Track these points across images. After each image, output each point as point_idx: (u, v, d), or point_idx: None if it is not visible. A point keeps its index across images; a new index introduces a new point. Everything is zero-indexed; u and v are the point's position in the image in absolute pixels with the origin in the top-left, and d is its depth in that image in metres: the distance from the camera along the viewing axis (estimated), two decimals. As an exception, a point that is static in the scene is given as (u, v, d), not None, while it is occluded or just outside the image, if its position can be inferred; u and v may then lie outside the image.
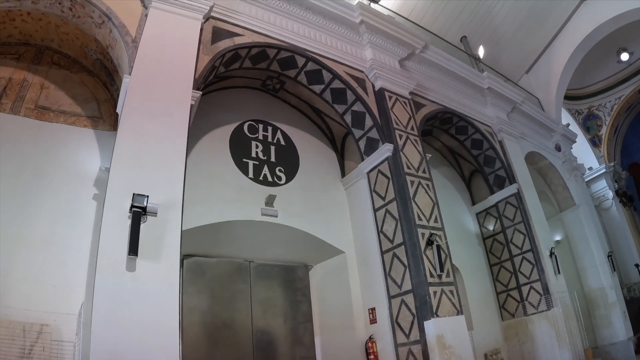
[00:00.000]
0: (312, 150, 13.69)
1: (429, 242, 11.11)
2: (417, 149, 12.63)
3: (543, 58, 21.90)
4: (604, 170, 25.74)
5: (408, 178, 11.77)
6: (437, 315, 10.36)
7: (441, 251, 11.23)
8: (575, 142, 22.06)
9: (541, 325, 14.35)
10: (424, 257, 10.88)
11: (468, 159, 16.73)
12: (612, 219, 25.41)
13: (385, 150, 12.06)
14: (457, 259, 14.50)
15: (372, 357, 11.06)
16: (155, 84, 8.45)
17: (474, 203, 17.10)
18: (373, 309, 11.72)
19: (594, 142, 26.59)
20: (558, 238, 19.97)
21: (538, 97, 21.29)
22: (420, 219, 11.36)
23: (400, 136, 12.36)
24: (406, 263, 11.02)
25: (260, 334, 11.46)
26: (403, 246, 11.21)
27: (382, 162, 12.24)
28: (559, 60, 21.33)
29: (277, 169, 12.52)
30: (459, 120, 15.61)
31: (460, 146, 16.48)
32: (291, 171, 12.84)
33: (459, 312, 10.98)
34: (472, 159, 16.54)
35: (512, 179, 15.84)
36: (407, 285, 10.89)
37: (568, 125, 21.69)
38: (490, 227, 16.19)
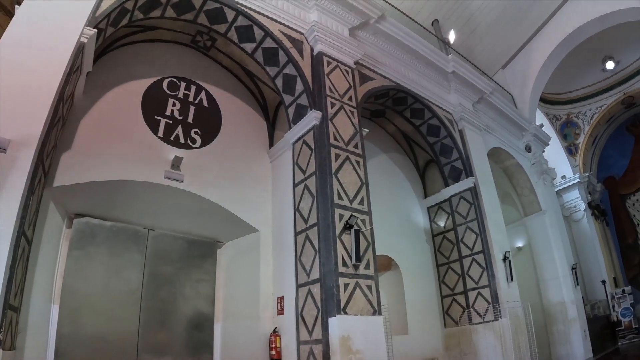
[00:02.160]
0: (239, 116, 11.88)
1: (347, 226, 9.07)
2: (352, 121, 10.71)
3: (521, 54, 19.92)
4: (578, 180, 23.93)
5: (333, 151, 9.86)
6: (345, 313, 8.48)
7: (361, 238, 9.27)
8: (548, 144, 20.04)
9: (486, 337, 12.43)
10: (338, 242, 8.96)
11: (424, 147, 14.71)
12: (581, 231, 23.62)
13: (312, 118, 10.17)
14: (398, 254, 13.06)
15: (273, 352, 9.48)
16: (46, 16, 7.40)
17: (426, 196, 15.03)
18: (281, 298, 9.96)
19: (570, 151, 24.74)
20: (520, 244, 18.01)
21: (512, 93, 19.28)
22: (340, 198, 9.43)
23: (333, 104, 10.45)
24: (317, 247, 9.16)
25: (150, 312, 9.72)
26: (316, 227, 9.32)
27: (308, 131, 10.36)
28: (538, 57, 19.36)
29: (192, 130, 10.78)
30: (415, 101, 13.58)
31: (416, 132, 14.42)
32: (209, 135, 11.06)
33: (376, 312, 9.07)
34: (427, 147, 14.54)
35: (470, 172, 13.84)
36: (316, 273, 9.02)
37: (542, 126, 19.67)
38: (441, 224, 14.17)
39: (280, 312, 9.86)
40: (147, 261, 10.04)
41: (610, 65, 23.08)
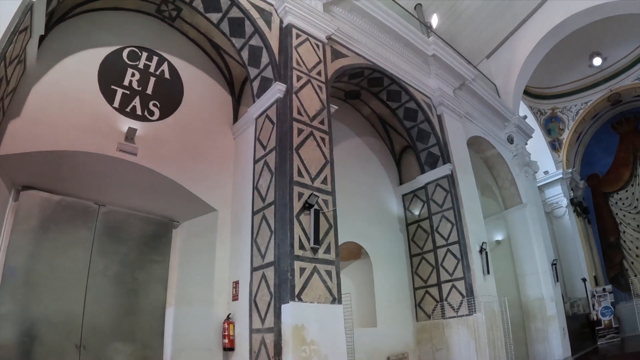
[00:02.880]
0: (202, 90, 10.98)
1: (307, 205, 8.21)
2: (319, 97, 9.87)
3: (507, 44, 19.09)
4: (561, 176, 23.30)
5: (296, 125, 9.03)
6: (300, 299, 7.67)
7: (322, 219, 8.45)
8: (531, 137, 19.33)
9: (459, 332, 11.66)
10: (296, 222, 8.13)
11: (400, 131, 13.89)
12: (563, 228, 23.01)
13: (275, 91, 9.34)
14: (368, 242, 12.27)
15: (226, 341, 8.71)
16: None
17: (401, 183, 14.23)
18: (237, 283, 9.17)
19: (554, 146, 24.06)
20: (499, 238, 17.32)
21: (496, 83, 18.51)
22: (300, 175, 8.61)
23: (299, 78, 9.61)
24: (273, 227, 8.34)
25: (97, 293, 8.94)
26: (273, 206, 8.50)
27: (271, 105, 9.54)
28: (523, 48, 18.52)
29: (151, 102, 9.88)
30: (391, 83, 12.72)
31: (392, 115, 13.57)
32: (169, 108, 10.15)
33: (336, 300, 8.23)
34: (404, 132, 13.72)
35: (447, 159, 13.03)
36: (270, 256, 8.22)
37: (525, 117, 18.88)
38: (416, 212, 13.38)
39: (235, 297, 9.06)
40: (96, 238, 9.25)
41: (597, 61, 22.43)
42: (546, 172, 23.31)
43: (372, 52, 12.18)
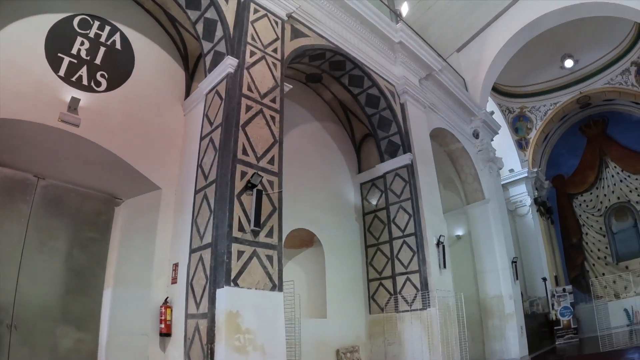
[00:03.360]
0: (154, 64, 10.28)
1: (249, 185, 7.58)
2: (273, 74, 9.30)
3: (478, 39, 18.59)
4: (526, 175, 23.12)
5: (245, 101, 8.46)
6: (236, 284, 7.14)
7: (265, 201, 7.95)
8: (497, 133, 18.98)
9: (412, 326, 11.22)
10: (236, 202, 7.59)
11: (361, 118, 13.38)
12: (525, 227, 22.85)
13: (227, 66, 8.70)
14: (321, 230, 11.77)
15: (162, 326, 8.15)
16: None
17: (360, 171, 13.74)
18: (177, 265, 8.61)
19: (520, 145, 23.87)
20: (460, 233, 16.93)
21: (465, 78, 18.04)
22: (245, 154, 8.06)
23: (253, 53, 9.03)
24: (212, 207, 7.78)
25: (30, 269, 8.36)
26: (214, 185, 7.94)
27: (222, 80, 8.90)
28: (494, 43, 18.02)
29: (99, 73, 9.17)
30: (354, 67, 12.16)
31: (354, 101, 13.03)
32: (118, 80, 9.44)
33: (276, 287, 7.74)
34: (365, 119, 13.21)
35: (408, 148, 12.53)
36: (208, 237, 7.68)
37: (492, 113, 18.51)
38: (373, 202, 12.92)
39: (174, 280, 8.50)
40: (32, 213, 8.62)
41: (569, 63, 22.31)
42: (511, 171, 23.10)
43: (336, 35, 11.59)
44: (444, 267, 11.73)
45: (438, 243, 11.75)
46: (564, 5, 16.30)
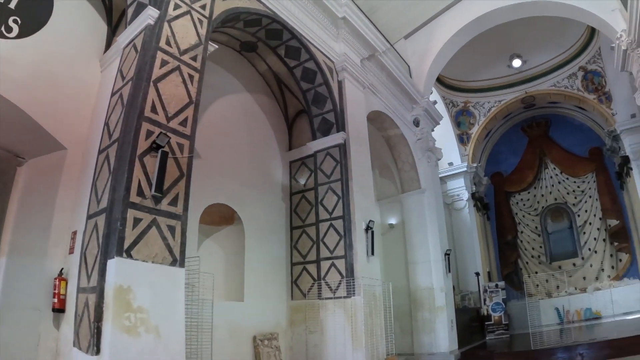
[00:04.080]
0: (75, 14, 9.06)
1: (154, 146, 6.64)
2: (197, 31, 8.34)
3: (427, 28, 17.90)
4: (465, 169, 22.82)
5: (160, 55, 7.51)
6: (130, 256, 6.24)
7: (172, 165, 7.09)
8: (438, 123, 18.49)
9: (335, 315, 10.54)
10: (138, 163, 6.68)
11: (296, 93, 12.53)
12: (462, 221, 22.60)
13: (146, 17, 7.69)
14: (243, 208, 10.95)
15: (56, 300, 7.21)
16: None
17: (291, 149, 12.86)
18: (75, 233, 7.60)
19: (462, 139, 23.56)
20: (393, 222, 16.18)
21: (410, 65, 17.39)
22: (154, 112, 7.13)
23: (178, 6, 8.07)
24: (112, 168, 6.88)
25: None
26: (116, 144, 7.00)
27: (140, 32, 7.89)
28: (443, 34, 17.37)
29: (12, 18, 8.02)
30: (292, 38, 11.31)
31: (289, 75, 12.18)
32: (32, 27, 8.28)
33: (177, 262, 6.85)
34: (300, 94, 12.36)
35: (341, 127, 11.77)
36: (105, 201, 6.73)
37: (435, 103, 17.91)
38: (302, 181, 12.16)
39: (72, 250, 7.52)
40: None
41: (517, 63, 22.23)
42: (451, 164, 22.77)
43: (275, 2, 10.71)
44: (372, 254, 11.03)
45: (367, 228, 11.03)
46: (514, 3, 15.86)
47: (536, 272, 22.91)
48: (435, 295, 14.98)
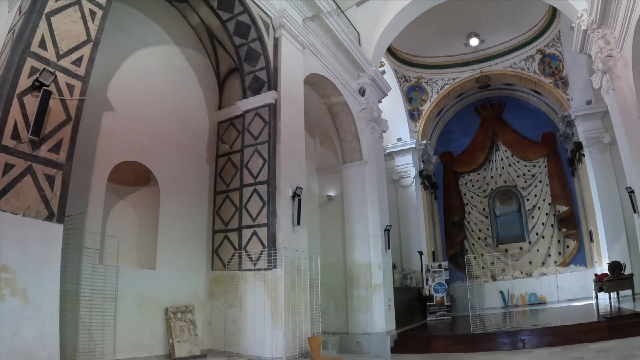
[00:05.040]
0: None
1: (37, 85, 5.76)
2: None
3: (381, -4, 17.08)
4: (414, 146, 22.25)
5: (54, -15, 6.48)
6: None
7: (56, 107, 6.29)
8: (386, 95, 17.66)
9: (255, 289, 9.83)
10: (16, 102, 5.89)
11: (229, 49, 11.59)
12: (407, 198, 22.07)
13: None
14: (161, 168, 10.14)
15: None
16: None
17: (220, 108, 11.94)
18: None
19: (412, 115, 22.96)
20: (332, 193, 15.41)
21: (360, 32, 16.54)
22: (43, 47, 6.30)
23: None
24: None
25: None
26: (0, 81, 6.00)
27: None
28: (396, 3, 16.51)
29: None
30: (225, -12, 10.26)
31: (222, 29, 11.24)
32: None
33: (54, 217, 6.16)
34: (232, 50, 11.43)
35: (273, 86, 10.90)
36: None
37: (384, 72, 17.23)
38: (229, 143, 11.15)
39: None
40: None
41: (474, 41, 21.80)
42: (399, 139, 22.17)
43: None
44: (298, 223, 10.26)
45: (294, 195, 10.26)
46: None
47: (482, 255, 22.70)
48: (373, 272, 14.38)
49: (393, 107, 21.15)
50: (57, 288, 5.91)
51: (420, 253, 20.34)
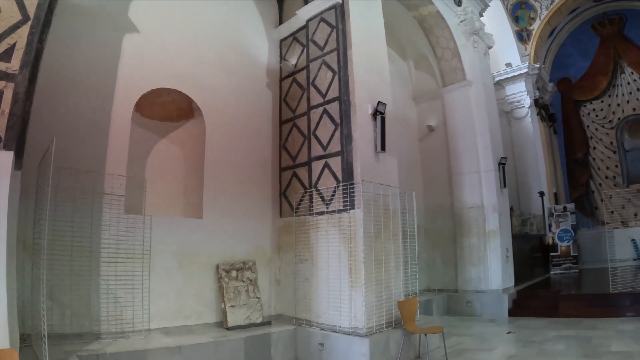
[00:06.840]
0: None
1: None
2: None
3: None
4: (526, 71, 18.64)
5: None
6: None
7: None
8: (488, 5, 14.40)
9: (329, 237, 7.42)
10: None
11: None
12: (523, 131, 18.69)
13: None
14: (207, 98, 8.13)
15: None
16: None
17: (281, 24, 9.51)
18: None
19: (521, 37, 19.42)
20: (432, 123, 12.87)
21: None
22: None
23: None
24: None
25: None
26: None
27: None
28: None
29: None
30: None
31: None
32: None
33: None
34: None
35: None
36: None
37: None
38: (293, 61, 8.79)
39: None
40: None
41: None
42: (508, 65, 18.70)
43: None
44: (382, 149, 7.64)
45: (375, 113, 7.65)
46: None
47: (610, 197, 19.14)
48: (486, 216, 11.84)
49: (498, 28, 17.84)
50: (4, 236, 4.20)
51: (542, 194, 17.12)
